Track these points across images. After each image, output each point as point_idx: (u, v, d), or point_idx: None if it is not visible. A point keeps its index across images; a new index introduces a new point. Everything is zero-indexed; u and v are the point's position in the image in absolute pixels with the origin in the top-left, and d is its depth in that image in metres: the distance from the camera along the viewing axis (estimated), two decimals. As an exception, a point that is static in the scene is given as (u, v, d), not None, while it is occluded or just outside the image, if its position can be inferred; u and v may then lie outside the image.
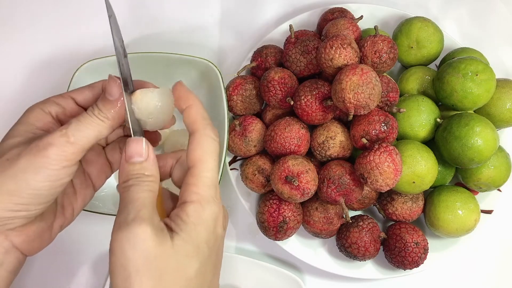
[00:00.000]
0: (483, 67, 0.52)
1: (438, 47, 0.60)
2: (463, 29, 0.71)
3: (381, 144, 0.48)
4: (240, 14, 0.72)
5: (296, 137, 0.53)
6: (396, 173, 0.48)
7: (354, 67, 0.48)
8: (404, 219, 0.55)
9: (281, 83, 0.54)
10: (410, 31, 0.59)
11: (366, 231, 0.53)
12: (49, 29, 0.71)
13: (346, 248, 0.54)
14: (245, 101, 0.58)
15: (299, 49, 0.55)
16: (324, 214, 0.53)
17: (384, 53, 0.53)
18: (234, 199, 0.62)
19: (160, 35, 0.71)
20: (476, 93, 0.52)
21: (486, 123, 0.51)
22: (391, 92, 0.54)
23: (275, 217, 0.52)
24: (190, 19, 0.72)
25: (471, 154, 0.50)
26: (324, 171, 0.52)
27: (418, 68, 0.60)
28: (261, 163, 0.55)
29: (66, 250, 0.61)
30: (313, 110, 0.52)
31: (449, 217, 0.53)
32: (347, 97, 0.48)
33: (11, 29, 0.71)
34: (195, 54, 0.58)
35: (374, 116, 0.51)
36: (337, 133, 0.53)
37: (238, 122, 0.56)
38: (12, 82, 0.68)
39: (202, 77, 0.59)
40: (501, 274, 0.61)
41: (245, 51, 0.68)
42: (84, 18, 0.72)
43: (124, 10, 0.72)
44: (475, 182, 0.55)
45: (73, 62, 0.68)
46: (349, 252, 0.53)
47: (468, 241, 0.57)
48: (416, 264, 0.53)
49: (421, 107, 0.55)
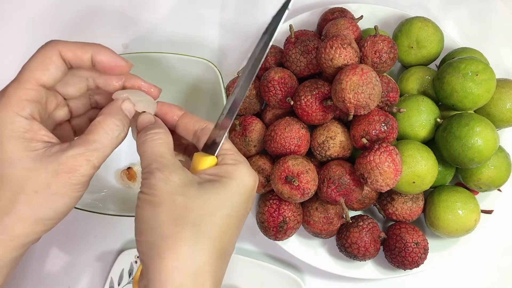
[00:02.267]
0: (483, 67, 0.52)
1: (438, 47, 0.60)
2: (463, 29, 0.71)
3: (381, 144, 0.48)
4: (240, 14, 0.72)
5: (296, 137, 0.53)
6: (396, 173, 0.48)
7: (354, 67, 0.48)
8: (404, 219, 0.55)
9: (281, 83, 0.54)
10: (410, 31, 0.59)
11: (366, 231, 0.53)
12: (49, 28, 0.71)
13: (346, 248, 0.54)
14: (245, 101, 0.58)
15: (299, 49, 0.55)
16: (324, 214, 0.53)
17: (384, 53, 0.53)
18: (234, 199, 0.62)
19: (160, 35, 0.71)
20: (476, 93, 0.52)
21: (486, 123, 0.51)
22: (391, 92, 0.54)
23: (275, 217, 0.52)
24: (190, 19, 0.72)
25: (471, 154, 0.50)
26: (324, 171, 0.52)
27: (418, 68, 0.60)
28: (261, 163, 0.55)
29: (66, 250, 0.61)
30: (313, 110, 0.52)
31: (449, 217, 0.53)
32: (347, 97, 0.48)
33: (11, 29, 0.71)
34: (195, 54, 0.58)
35: (374, 116, 0.51)
36: (337, 133, 0.53)
37: (238, 122, 0.56)
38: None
39: (202, 77, 0.59)
40: (501, 274, 0.61)
41: (245, 51, 0.68)
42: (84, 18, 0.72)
43: (124, 10, 0.72)
44: (475, 182, 0.55)
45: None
46: (349, 252, 0.53)
47: (468, 241, 0.57)
48: (416, 264, 0.53)
49: (421, 107, 0.55)
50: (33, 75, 0.32)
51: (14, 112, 0.31)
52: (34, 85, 0.32)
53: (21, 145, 0.31)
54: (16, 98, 0.32)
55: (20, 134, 0.31)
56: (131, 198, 0.59)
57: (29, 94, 0.32)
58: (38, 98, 0.33)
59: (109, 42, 0.70)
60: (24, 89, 0.32)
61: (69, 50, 0.34)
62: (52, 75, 0.33)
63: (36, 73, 0.33)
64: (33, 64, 0.33)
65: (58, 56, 0.34)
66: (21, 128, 0.31)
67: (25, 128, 0.32)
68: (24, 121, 0.32)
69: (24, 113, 0.32)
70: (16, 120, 0.31)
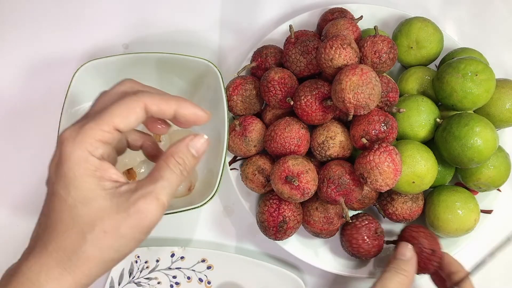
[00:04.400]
0: (483, 67, 0.52)
1: (438, 47, 0.60)
2: (462, 29, 0.71)
3: (381, 144, 0.48)
4: (240, 14, 0.72)
5: (296, 137, 0.53)
6: (396, 173, 0.48)
7: (354, 67, 0.48)
8: (404, 219, 0.55)
9: (281, 83, 0.54)
10: (410, 31, 0.59)
11: (359, 228, 0.53)
12: (49, 29, 0.71)
13: (346, 248, 0.54)
14: (245, 101, 0.58)
15: (299, 49, 0.55)
16: (324, 214, 0.53)
17: (384, 53, 0.53)
18: (234, 199, 0.62)
19: (160, 35, 0.71)
20: (476, 93, 0.52)
21: (485, 123, 0.51)
22: (391, 92, 0.54)
23: (275, 217, 0.52)
24: (190, 19, 0.72)
25: (471, 154, 0.50)
26: (324, 171, 0.52)
27: (418, 68, 0.60)
28: (261, 163, 0.55)
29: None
30: (313, 110, 0.52)
31: (449, 217, 0.53)
32: (347, 97, 0.48)
33: (11, 29, 0.71)
34: (195, 54, 0.58)
35: (374, 116, 0.51)
36: (337, 133, 0.53)
37: (238, 122, 0.56)
38: (11, 82, 0.68)
39: (202, 77, 0.59)
40: (501, 274, 0.61)
41: (245, 51, 0.68)
42: (84, 18, 0.72)
43: (124, 10, 0.72)
44: (475, 182, 0.55)
45: (73, 62, 0.69)
46: (349, 251, 0.54)
47: (468, 241, 0.57)
48: (427, 270, 0.52)
49: (421, 107, 0.55)
50: (113, 120, 0.33)
51: (88, 151, 0.32)
52: (111, 128, 0.33)
53: (94, 184, 0.32)
54: (91, 138, 0.32)
55: (92, 173, 0.32)
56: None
57: (104, 136, 0.33)
58: (111, 140, 0.33)
59: (109, 42, 0.71)
60: (101, 131, 0.32)
61: (154, 104, 0.34)
62: (131, 123, 0.34)
63: (116, 119, 0.33)
64: (116, 110, 0.33)
65: (142, 108, 0.34)
66: (93, 167, 0.32)
67: (97, 167, 0.32)
68: (96, 160, 0.32)
69: (96, 153, 0.32)
70: (90, 160, 0.32)
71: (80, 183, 0.31)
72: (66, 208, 0.31)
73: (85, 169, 0.32)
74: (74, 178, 0.31)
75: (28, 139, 0.65)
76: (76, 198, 0.31)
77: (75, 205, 0.31)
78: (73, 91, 0.56)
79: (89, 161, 0.32)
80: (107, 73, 0.58)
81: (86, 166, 0.32)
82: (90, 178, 0.32)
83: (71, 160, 0.31)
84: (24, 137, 0.65)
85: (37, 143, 0.64)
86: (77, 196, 0.31)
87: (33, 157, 0.63)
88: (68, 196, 0.31)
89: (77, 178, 0.31)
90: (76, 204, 0.31)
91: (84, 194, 0.31)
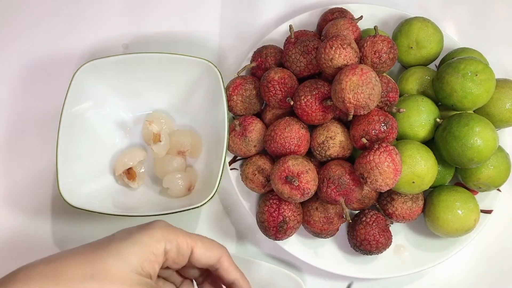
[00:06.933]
0: (483, 67, 0.52)
1: (438, 47, 0.60)
2: (462, 29, 0.72)
3: (381, 144, 0.48)
4: (240, 14, 0.72)
5: (296, 137, 0.53)
6: (396, 173, 0.48)
7: (354, 67, 0.48)
8: (404, 219, 0.55)
9: (281, 83, 0.54)
10: (410, 31, 0.59)
11: (371, 224, 0.53)
12: (49, 29, 0.71)
13: (358, 246, 0.54)
14: (245, 101, 0.58)
15: (299, 49, 0.55)
16: (324, 214, 0.53)
17: (383, 53, 0.53)
18: (234, 199, 0.62)
19: (160, 35, 0.71)
20: (476, 93, 0.52)
21: (485, 123, 0.51)
22: (391, 92, 0.54)
23: (275, 217, 0.52)
24: (190, 19, 0.72)
25: (471, 154, 0.50)
26: (324, 171, 0.52)
27: (418, 68, 0.60)
28: (261, 163, 0.55)
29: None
30: (313, 110, 0.52)
31: (448, 217, 0.53)
32: (347, 97, 0.48)
33: (10, 29, 0.71)
34: (195, 54, 0.58)
35: (374, 116, 0.51)
36: (337, 133, 0.53)
37: (238, 122, 0.56)
38: (12, 82, 0.68)
39: (202, 77, 0.59)
40: (501, 274, 0.61)
41: (245, 51, 0.68)
42: (84, 18, 0.72)
43: (124, 10, 0.72)
44: (475, 182, 0.55)
45: (73, 62, 0.69)
46: (363, 249, 0.54)
47: (468, 241, 0.57)
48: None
49: (420, 107, 0.55)
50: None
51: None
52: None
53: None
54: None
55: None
56: (131, 198, 0.60)
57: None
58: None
59: (109, 42, 0.71)
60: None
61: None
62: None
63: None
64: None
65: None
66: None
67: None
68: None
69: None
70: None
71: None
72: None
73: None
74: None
75: (28, 139, 0.65)
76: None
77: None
78: (73, 91, 0.56)
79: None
80: (107, 73, 0.58)
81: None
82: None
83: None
84: (24, 137, 0.65)
85: (37, 143, 0.64)
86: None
87: (32, 156, 0.63)
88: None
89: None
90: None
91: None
